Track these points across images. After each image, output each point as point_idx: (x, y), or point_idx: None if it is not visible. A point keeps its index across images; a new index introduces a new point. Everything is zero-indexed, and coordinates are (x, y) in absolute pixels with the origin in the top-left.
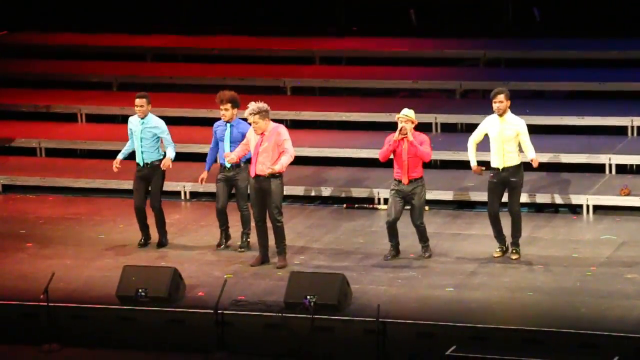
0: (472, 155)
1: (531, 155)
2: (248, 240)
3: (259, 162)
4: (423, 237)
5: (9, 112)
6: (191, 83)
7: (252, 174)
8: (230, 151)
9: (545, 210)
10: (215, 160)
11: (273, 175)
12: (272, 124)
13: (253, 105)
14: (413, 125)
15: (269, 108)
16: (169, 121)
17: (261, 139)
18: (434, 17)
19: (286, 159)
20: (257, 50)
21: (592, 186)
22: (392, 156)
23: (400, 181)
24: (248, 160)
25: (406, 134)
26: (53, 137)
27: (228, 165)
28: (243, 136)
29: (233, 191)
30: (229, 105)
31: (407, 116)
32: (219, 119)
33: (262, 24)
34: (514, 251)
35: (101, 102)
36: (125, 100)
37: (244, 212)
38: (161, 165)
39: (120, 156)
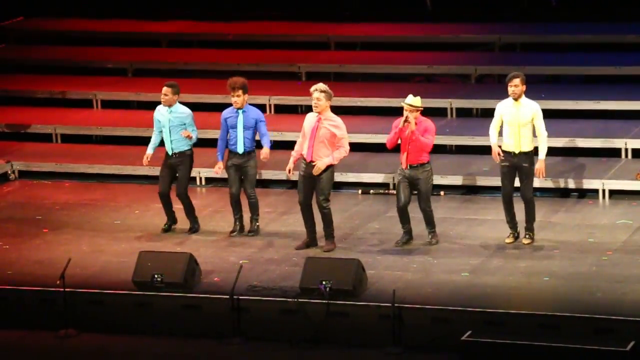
0: (493, 138)
1: (542, 136)
2: (257, 224)
3: (315, 149)
4: (430, 223)
5: (24, 98)
6: (206, 69)
7: (308, 159)
8: (243, 137)
9: (561, 194)
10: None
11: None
12: (333, 114)
13: (321, 85)
14: (418, 113)
15: (333, 95)
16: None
17: (318, 123)
18: (449, 1)
19: (339, 154)
20: (272, 36)
21: (608, 171)
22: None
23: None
24: (259, 147)
25: (409, 123)
26: (68, 123)
27: (240, 152)
28: (255, 121)
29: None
30: (240, 92)
31: (411, 105)
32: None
33: (277, 9)
34: (527, 236)
35: (116, 88)
36: (141, 86)
37: (252, 200)
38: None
39: (149, 150)
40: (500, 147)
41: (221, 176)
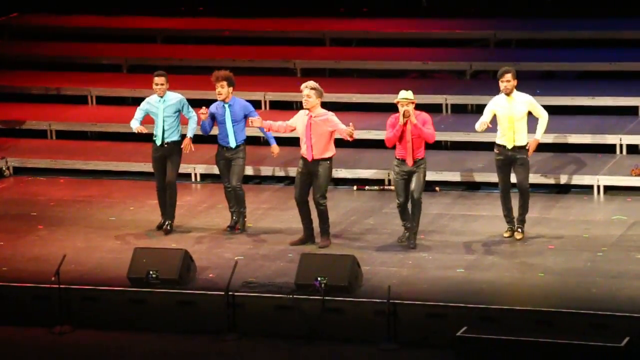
0: (483, 120)
1: (543, 118)
2: (245, 219)
3: (314, 147)
4: (416, 216)
5: (19, 95)
6: (201, 65)
7: (309, 159)
8: (234, 131)
9: (555, 190)
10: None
11: (323, 159)
12: (323, 110)
13: (312, 82)
14: (413, 105)
15: (323, 93)
16: None
17: (309, 121)
18: None
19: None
20: (267, 32)
21: (603, 166)
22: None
23: (403, 161)
24: (247, 141)
25: (409, 116)
26: (63, 120)
27: (232, 146)
28: (244, 114)
29: None
30: (224, 83)
31: (406, 99)
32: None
33: (272, 5)
34: (519, 229)
35: (111, 84)
36: (136, 82)
37: (239, 192)
38: (182, 146)
39: (138, 123)
40: (495, 142)
41: (216, 172)
